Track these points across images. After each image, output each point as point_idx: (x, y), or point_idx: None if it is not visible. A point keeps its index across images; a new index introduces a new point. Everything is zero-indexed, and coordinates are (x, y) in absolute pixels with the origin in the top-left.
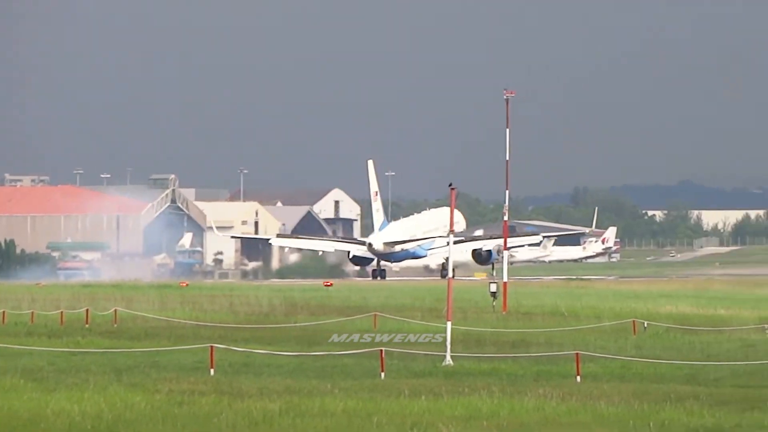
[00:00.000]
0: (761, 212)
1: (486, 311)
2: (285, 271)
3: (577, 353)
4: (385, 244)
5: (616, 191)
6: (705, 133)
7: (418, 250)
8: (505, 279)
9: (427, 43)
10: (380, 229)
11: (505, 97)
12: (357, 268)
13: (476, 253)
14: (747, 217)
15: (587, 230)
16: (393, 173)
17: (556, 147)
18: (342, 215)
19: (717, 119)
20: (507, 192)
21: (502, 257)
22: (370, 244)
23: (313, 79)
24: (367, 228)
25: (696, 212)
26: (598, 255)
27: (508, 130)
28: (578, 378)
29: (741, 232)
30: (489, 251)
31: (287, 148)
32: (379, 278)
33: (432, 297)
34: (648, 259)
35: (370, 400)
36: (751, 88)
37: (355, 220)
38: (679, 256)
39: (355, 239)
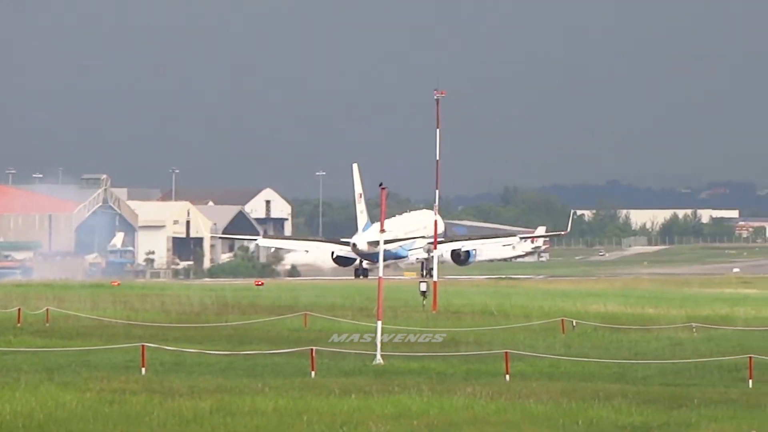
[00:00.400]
0: (689, 212)
1: (416, 310)
2: (216, 271)
3: (506, 352)
4: (369, 243)
5: (546, 191)
6: (633, 133)
7: (399, 251)
8: (435, 278)
9: (358, 40)
10: (364, 230)
11: (435, 97)
12: (337, 267)
13: (455, 254)
14: (675, 216)
15: (563, 233)
16: (324, 173)
17: (487, 147)
18: (273, 215)
19: (644, 119)
20: (437, 191)
21: (432, 256)
22: (354, 245)
23: (244, 80)
24: (298, 227)
25: (624, 212)
26: (527, 254)
27: (438, 129)
28: (507, 377)
29: (669, 232)
30: (468, 252)
31: (219, 148)
32: (361, 277)
33: (362, 296)
34: (577, 258)
35: (301, 399)
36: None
37: (286, 219)
38: (607, 255)
39: (339, 240)
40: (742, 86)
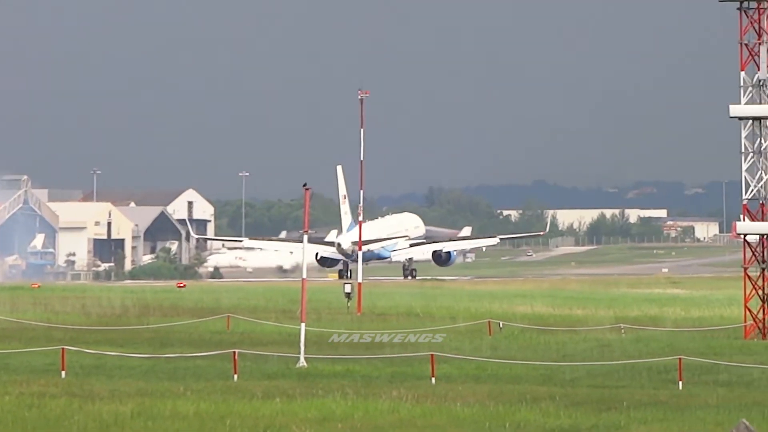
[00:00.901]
0: (616, 211)
1: (340, 312)
2: (138, 273)
3: (431, 354)
4: (353, 243)
5: (471, 191)
6: (559, 132)
7: (382, 252)
8: (360, 280)
9: (281, 38)
10: (348, 231)
11: (359, 97)
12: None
13: (436, 255)
14: (602, 216)
15: (541, 233)
16: (247, 174)
17: (411, 146)
18: (196, 216)
19: (570, 119)
20: (361, 192)
21: (357, 257)
22: (339, 245)
23: (165, 79)
24: (221, 228)
25: (551, 212)
26: None
27: (362, 129)
28: (433, 379)
29: (596, 232)
30: (449, 252)
31: (140, 148)
32: (345, 277)
33: (286, 298)
34: (503, 259)
35: (223, 403)
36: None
37: (209, 220)
38: (534, 255)
39: (323, 240)
40: (668, 85)
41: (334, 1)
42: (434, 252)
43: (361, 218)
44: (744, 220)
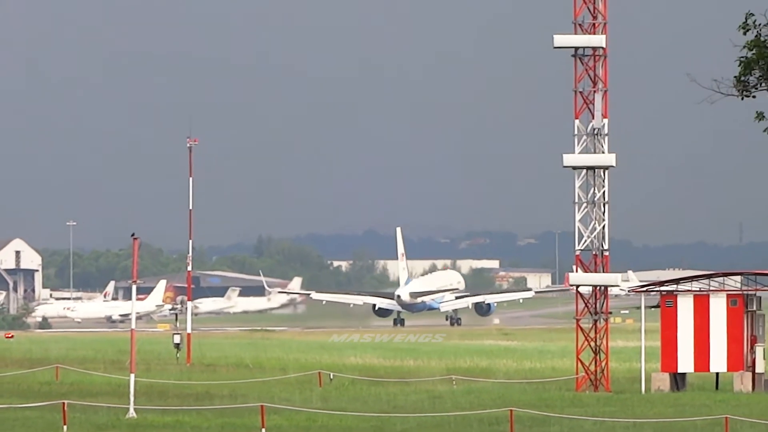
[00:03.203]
0: (448, 262)
1: (170, 363)
2: None
3: (262, 405)
4: (411, 294)
5: (301, 240)
6: (389, 181)
7: (432, 304)
8: (189, 330)
9: (111, 84)
10: (405, 284)
11: (188, 145)
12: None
13: (478, 306)
14: (434, 266)
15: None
16: (74, 223)
17: (241, 195)
18: (23, 265)
19: (401, 168)
20: (190, 242)
21: (186, 308)
22: (398, 296)
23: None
24: (48, 278)
25: (382, 262)
26: (283, 306)
27: (191, 178)
28: (263, 431)
29: None
30: (489, 304)
31: None
32: (399, 325)
33: (114, 349)
34: (333, 310)
35: None
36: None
37: (37, 270)
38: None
39: (381, 293)
40: (498, 135)
41: (160, 50)
42: (476, 304)
43: (189, 268)
44: (577, 271)
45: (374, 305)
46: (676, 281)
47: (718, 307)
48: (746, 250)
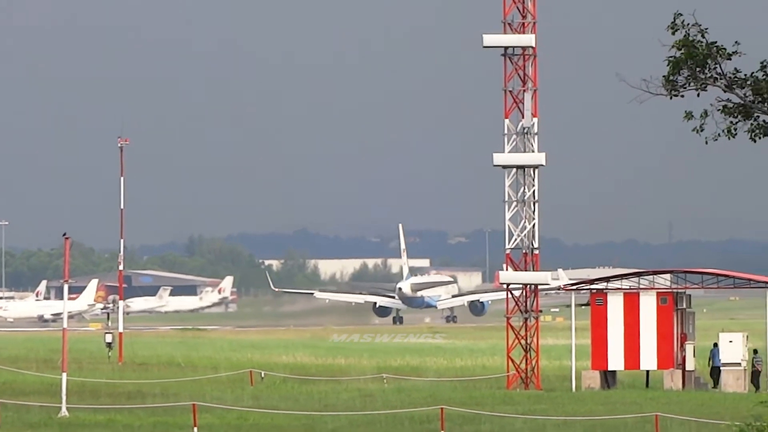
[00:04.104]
0: (378, 261)
1: (102, 362)
2: None
3: (193, 404)
4: (412, 286)
5: (233, 240)
6: (321, 180)
7: (430, 300)
8: (121, 329)
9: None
10: (406, 279)
11: (119, 145)
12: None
13: (473, 304)
14: (365, 266)
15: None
16: (6, 222)
17: (172, 195)
18: None
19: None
20: (122, 241)
21: (117, 307)
22: (399, 289)
23: None
24: None
25: (313, 261)
26: (214, 305)
27: (122, 178)
28: (195, 429)
29: (359, 281)
30: (483, 303)
31: None
32: (398, 323)
33: (46, 348)
34: (265, 309)
35: None
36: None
37: None
38: (297, 305)
39: (381, 293)
40: (428, 134)
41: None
42: (471, 302)
43: (121, 267)
44: (507, 269)
45: (375, 303)
46: (606, 279)
47: (648, 305)
48: (676, 249)
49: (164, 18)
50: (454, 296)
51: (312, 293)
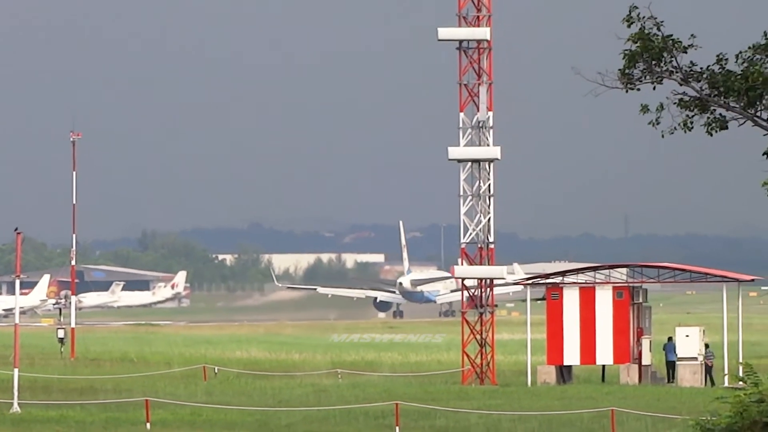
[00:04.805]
0: (332, 255)
1: (54, 357)
2: None
3: (146, 400)
4: (412, 282)
5: (186, 235)
6: (276, 175)
7: (429, 296)
8: (73, 325)
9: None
10: (407, 274)
11: (71, 139)
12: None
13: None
14: (319, 260)
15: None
16: None
17: (125, 190)
18: None
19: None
20: (74, 236)
21: (70, 302)
22: (400, 283)
23: None
24: None
25: (267, 256)
26: (167, 300)
27: (75, 172)
28: (148, 425)
29: (313, 276)
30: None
31: None
32: (398, 318)
33: None
34: (219, 304)
35: None
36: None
37: None
38: (251, 300)
39: (381, 288)
40: (382, 128)
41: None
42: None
43: (73, 262)
44: (462, 264)
45: (375, 298)
46: (562, 273)
47: (604, 299)
48: (632, 243)
49: (115, 14)
50: (452, 291)
51: (315, 288)
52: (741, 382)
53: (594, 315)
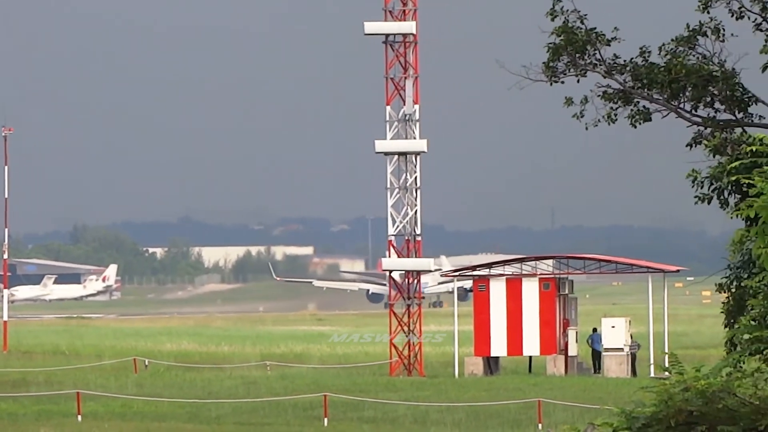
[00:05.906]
0: (262, 248)
1: None
2: None
3: (77, 392)
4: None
5: (116, 228)
6: (204, 168)
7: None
8: (5, 318)
9: None
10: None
11: (2, 134)
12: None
13: (461, 290)
14: (248, 253)
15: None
16: None
17: (56, 183)
18: None
19: (216, 153)
20: (6, 230)
21: (2, 296)
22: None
23: None
24: None
25: (197, 249)
26: (99, 293)
27: (6, 167)
28: (80, 417)
29: (242, 269)
30: (466, 289)
31: None
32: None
33: None
34: (149, 296)
35: None
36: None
37: None
38: (180, 293)
39: (374, 281)
40: (310, 121)
41: None
42: (459, 288)
43: (6, 256)
44: (389, 256)
45: (368, 290)
46: (489, 265)
47: (531, 290)
48: (558, 234)
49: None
50: (440, 283)
51: (311, 282)
52: (666, 372)
53: (521, 306)
